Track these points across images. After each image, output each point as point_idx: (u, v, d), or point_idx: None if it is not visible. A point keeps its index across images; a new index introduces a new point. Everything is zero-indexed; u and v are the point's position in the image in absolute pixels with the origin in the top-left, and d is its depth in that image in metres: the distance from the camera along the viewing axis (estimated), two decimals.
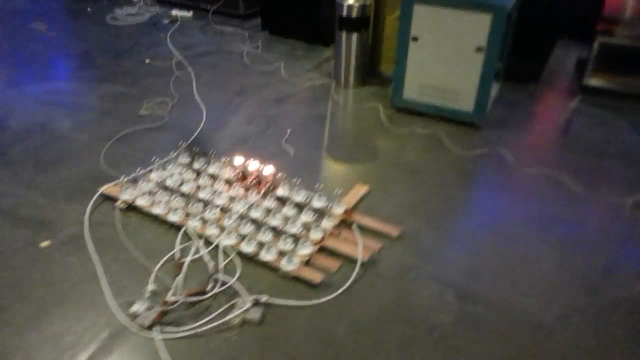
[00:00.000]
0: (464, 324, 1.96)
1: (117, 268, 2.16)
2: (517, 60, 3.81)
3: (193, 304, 1.99)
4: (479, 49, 3.12)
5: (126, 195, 2.52)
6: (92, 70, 4.06)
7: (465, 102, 3.32)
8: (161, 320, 1.91)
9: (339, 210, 2.46)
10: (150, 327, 1.88)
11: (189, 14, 5.33)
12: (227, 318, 1.92)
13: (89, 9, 5.43)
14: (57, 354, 1.79)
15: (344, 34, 3.78)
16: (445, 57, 3.25)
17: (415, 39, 3.28)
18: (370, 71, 4.01)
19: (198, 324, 1.90)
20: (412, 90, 3.45)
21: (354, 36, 3.76)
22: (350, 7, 3.67)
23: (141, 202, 2.49)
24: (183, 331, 1.87)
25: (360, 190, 2.69)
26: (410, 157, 3.06)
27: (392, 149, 3.15)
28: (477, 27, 3.07)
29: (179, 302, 1.98)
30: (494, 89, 3.52)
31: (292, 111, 3.54)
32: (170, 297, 1.99)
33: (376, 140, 3.23)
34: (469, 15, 3.07)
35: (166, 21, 5.15)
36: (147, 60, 4.19)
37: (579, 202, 2.66)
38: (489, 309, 2.02)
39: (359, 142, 3.24)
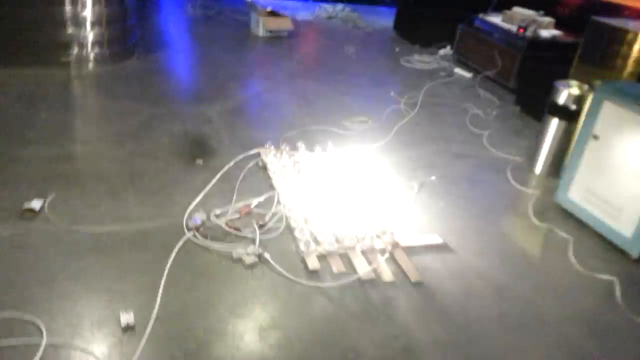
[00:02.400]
0: None
1: (219, 189, 2.96)
2: None
3: (227, 232, 2.62)
4: None
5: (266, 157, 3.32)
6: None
7: (626, 225, 2.84)
8: (199, 229, 2.60)
9: None
10: (189, 230, 2.60)
11: (468, 74, 5.78)
12: (233, 250, 2.48)
13: (397, 49, 6.50)
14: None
15: (553, 120, 3.64)
16: (622, 166, 2.86)
17: (595, 137, 3.00)
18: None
19: (214, 244, 2.52)
20: (577, 191, 3.13)
21: (563, 124, 3.59)
22: (570, 95, 3.53)
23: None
24: (201, 242, 2.53)
25: None
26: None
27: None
28: None
29: (217, 224, 2.64)
30: None
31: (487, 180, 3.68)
32: (213, 219, 2.68)
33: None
34: None
35: (443, 74, 5.75)
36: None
37: None
38: None
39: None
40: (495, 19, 5.86)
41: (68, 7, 4.35)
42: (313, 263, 2.46)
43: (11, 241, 2.40)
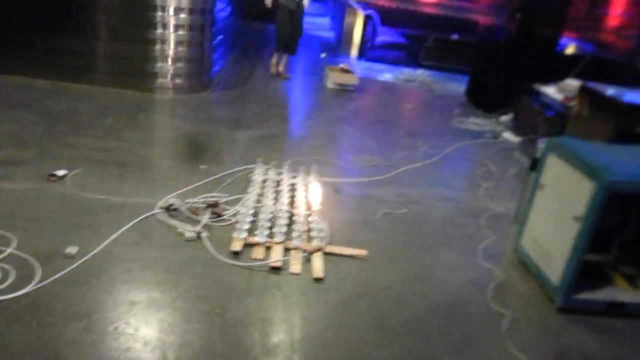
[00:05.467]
0: None
1: (205, 187, 3.56)
2: None
3: (188, 216, 3.19)
4: (576, 218, 2.69)
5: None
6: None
7: (554, 273, 2.85)
8: (168, 209, 3.20)
9: None
10: (162, 207, 3.22)
11: (515, 139, 5.84)
12: (184, 228, 3.03)
13: (455, 111, 6.75)
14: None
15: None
16: (555, 216, 2.91)
17: (542, 187, 3.07)
18: None
19: (171, 220, 3.10)
20: (527, 241, 3.17)
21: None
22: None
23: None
24: (161, 218, 3.12)
25: None
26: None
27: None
28: (580, 192, 2.68)
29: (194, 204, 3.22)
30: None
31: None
32: (182, 205, 3.26)
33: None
34: (578, 177, 2.72)
35: (488, 135, 5.88)
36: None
37: None
38: None
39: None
40: (550, 89, 5.91)
41: (158, 47, 5.46)
42: (235, 246, 2.91)
43: (30, 192, 3.22)
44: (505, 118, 6.62)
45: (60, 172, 3.46)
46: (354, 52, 9.30)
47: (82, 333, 2.20)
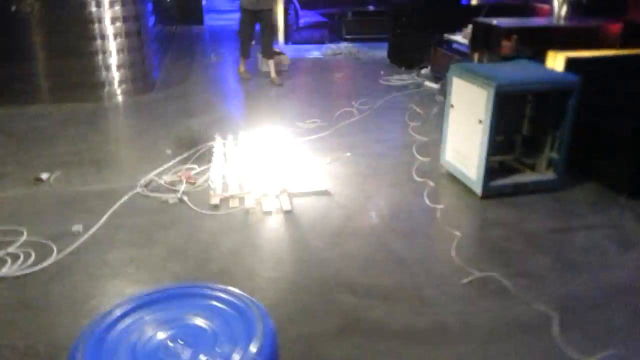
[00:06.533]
0: None
1: (177, 167, 4.07)
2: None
3: (167, 188, 3.71)
4: (480, 121, 3.42)
5: None
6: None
7: (472, 170, 3.57)
8: (147, 186, 3.71)
9: None
10: (142, 185, 3.72)
11: (435, 86, 6.60)
12: (167, 196, 3.55)
13: (381, 72, 7.46)
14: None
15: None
16: (468, 124, 3.62)
17: (452, 106, 3.79)
18: None
19: (153, 193, 3.61)
20: (449, 152, 3.88)
21: None
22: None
23: None
24: (144, 193, 3.63)
25: None
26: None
27: None
28: (479, 100, 3.40)
29: (160, 184, 3.73)
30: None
31: None
32: (160, 181, 3.77)
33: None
34: (476, 89, 3.44)
35: (412, 87, 6.62)
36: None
37: None
38: None
39: None
40: (458, 36, 6.70)
41: (100, 57, 5.85)
42: (214, 200, 3.47)
43: (23, 196, 3.65)
44: (425, 71, 7.38)
45: (44, 175, 3.89)
46: (281, 37, 9.84)
47: (104, 279, 2.72)
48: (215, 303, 1.24)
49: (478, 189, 3.54)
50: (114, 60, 5.91)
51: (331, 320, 2.43)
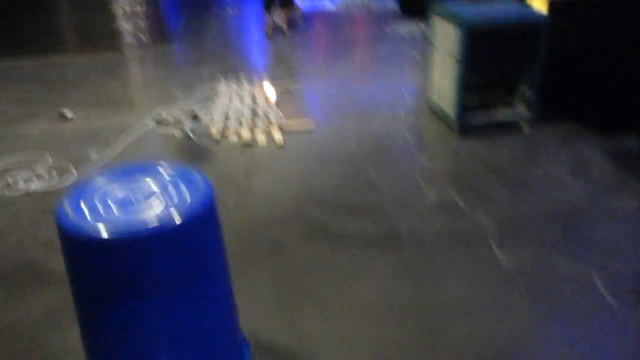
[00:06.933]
0: None
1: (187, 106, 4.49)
2: None
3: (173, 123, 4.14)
4: (455, 59, 3.68)
5: None
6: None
7: (450, 108, 3.86)
8: (159, 122, 4.14)
9: None
10: (154, 120, 4.16)
11: None
12: (175, 131, 3.98)
13: (391, 22, 7.63)
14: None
15: None
16: (445, 65, 3.89)
17: (434, 45, 4.04)
18: None
19: (162, 128, 4.04)
20: (433, 93, 4.16)
21: None
22: None
23: None
24: (155, 128, 4.06)
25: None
26: None
27: None
28: (454, 39, 3.66)
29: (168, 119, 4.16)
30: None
31: None
32: (168, 117, 4.20)
33: None
34: (452, 28, 3.69)
35: (418, 37, 6.81)
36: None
37: None
38: None
39: None
40: None
41: (119, 10, 6.24)
42: (215, 134, 3.89)
43: (50, 130, 4.15)
44: None
45: (69, 114, 4.37)
46: None
47: None
48: (169, 172, 1.65)
49: (455, 125, 3.84)
50: (133, 12, 6.30)
51: (300, 228, 2.84)
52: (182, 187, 1.56)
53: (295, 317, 2.23)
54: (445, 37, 3.86)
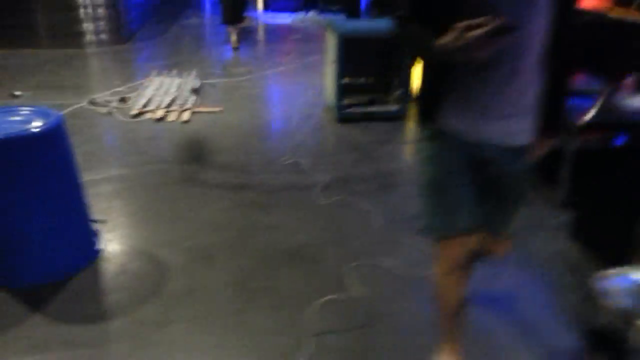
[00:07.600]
0: None
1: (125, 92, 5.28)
2: None
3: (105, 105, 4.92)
4: (333, 62, 4.52)
5: None
6: None
7: (332, 101, 4.68)
8: (93, 103, 4.92)
9: None
10: (88, 102, 4.93)
11: None
12: (102, 109, 4.76)
13: None
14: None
15: None
16: (330, 68, 4.72)
17: (327, 52, 4.89)
18: None
19: (93, 107, 4.83)
20: (326, 90, 4.99)
21: None
22: None
23: None
24: (88, 107, 4.84)
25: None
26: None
27: None
28: (334, 46, 4.49)
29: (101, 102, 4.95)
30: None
31: None
32: (101, 100, 4.99)
33: None
34: (333, 37, 4.54)
35: None
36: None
37: None
38: None
39: None
40: None
41: (81, 10, 7.08)
42: (133, 111, 4.68)
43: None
44: None
45: (18, 93, 5.15)
46: (260, 5, 10.94)
47: None
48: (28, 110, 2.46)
49: (335, 115, 4.66)
50: (94, 13, 7.14)
51: (177, 176, 3.63)
52: (38, 116, 2.37)
53: (151, 230, 3.00)
54: (331, 46, 4.70)
